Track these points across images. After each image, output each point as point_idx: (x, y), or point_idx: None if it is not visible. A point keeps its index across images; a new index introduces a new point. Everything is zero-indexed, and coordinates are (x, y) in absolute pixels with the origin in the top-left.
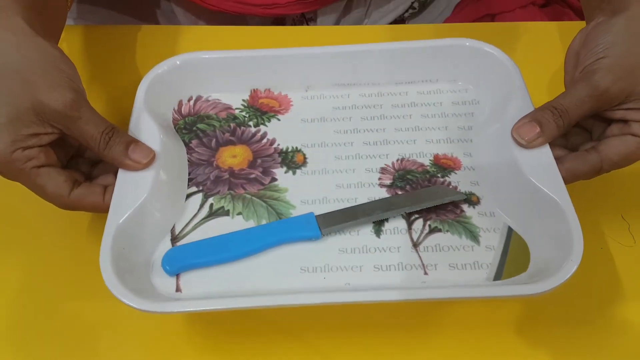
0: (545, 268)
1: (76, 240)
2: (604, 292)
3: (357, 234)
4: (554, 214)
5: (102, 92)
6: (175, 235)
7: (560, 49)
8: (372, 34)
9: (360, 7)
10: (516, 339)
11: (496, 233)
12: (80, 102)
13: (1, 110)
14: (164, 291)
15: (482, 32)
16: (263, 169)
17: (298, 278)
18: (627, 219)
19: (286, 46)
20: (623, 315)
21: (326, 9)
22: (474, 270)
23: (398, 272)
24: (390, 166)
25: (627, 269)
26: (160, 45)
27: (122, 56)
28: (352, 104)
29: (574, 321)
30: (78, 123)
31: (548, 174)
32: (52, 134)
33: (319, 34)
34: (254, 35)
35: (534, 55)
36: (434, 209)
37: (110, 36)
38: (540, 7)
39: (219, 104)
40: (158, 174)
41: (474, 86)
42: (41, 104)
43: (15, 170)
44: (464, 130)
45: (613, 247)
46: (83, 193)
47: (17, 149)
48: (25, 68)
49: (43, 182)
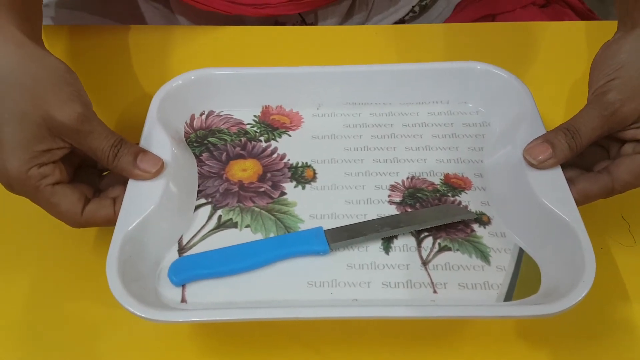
0: (556, 289)
1: (82, 247)
2: (604, 292)
3: (366, 250)
4: (566, 235)
5: (102, 91)
6: (182, 245)
7: (560, 49)
8: (373, 34)
9: (362, 12)
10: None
11: (507, 253)
12: (90, 116)
13: (15, 127)
14: (170, 301)
15: (483, 32)
16: (272, 183)
17: (305, 292)
18: (627, 219)
19: (286, 46)
20: (623, 315)
21: (327, 12)
22: (484, 290)
23: (407, 290)
24: (400, 184)
25: (627, 269)
26: (161, 46)
27: (123, 57)
28: (363, 123)
29: (574, 321)
30: (89, 137)
31: (560, 196)
32: (64, 149)
33: (319, 34)
34: (254, 35)
35: (534, 56)
36: (444, 228)
37: (112, 36)
38: (540, 7)
39: (231, 119)
40: (168, 185)
41: (484, 108)
42: (53, 119)
43: (31, 187)
44: (474, 151)
45: (613, 247)
46: (94, 209)
47: (32, 166)
48: (35, 84)
49: (58, 200)
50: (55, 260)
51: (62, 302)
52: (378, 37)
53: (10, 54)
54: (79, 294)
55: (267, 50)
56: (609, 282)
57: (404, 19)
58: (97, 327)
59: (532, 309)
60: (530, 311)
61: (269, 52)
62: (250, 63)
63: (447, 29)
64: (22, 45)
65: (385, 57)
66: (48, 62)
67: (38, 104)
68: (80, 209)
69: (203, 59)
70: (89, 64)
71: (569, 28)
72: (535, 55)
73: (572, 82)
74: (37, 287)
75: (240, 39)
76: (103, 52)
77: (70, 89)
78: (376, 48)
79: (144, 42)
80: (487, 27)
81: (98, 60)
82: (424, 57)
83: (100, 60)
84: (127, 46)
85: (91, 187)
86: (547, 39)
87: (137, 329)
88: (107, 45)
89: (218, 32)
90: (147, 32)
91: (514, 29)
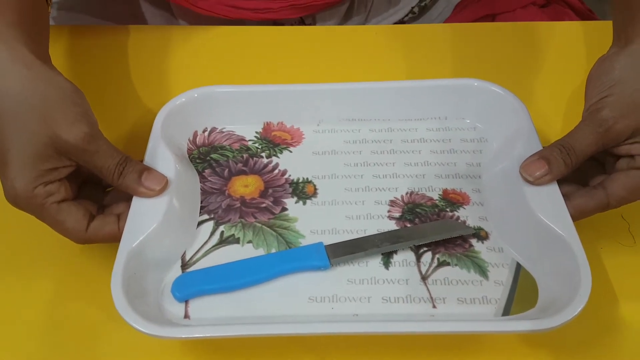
0: (552, 303)
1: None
2: (604, 292)
3: (366, 265)
4: (562, 250)
5: (102, 91)
6: (185, 261)
7: (560, 49)
8: (372, 34)
9: (361, 14)
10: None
11: (505, 268)
12: (96, 135)
13: (22, 147)
14: (173, 316)
15: (483, 32)
16: (274, 199)
17: (306, 307)
18: (627, 219)
19: (286, 46)
20: (623, 316)
21: (325, 14)
22: (482, 304)
23: (406, 305)
24: (399, 199)
25: (628, 269)
26: (161, 46)
27: (123, 57)
28: (363, 139)
29: (574, 321)
30: (95, 156)
31: (556, 211)
32: (70, 167)
33: (318, 34)
34: (253, 35)
35: (534, 56)
36: (443, 243)
37: (112, 36)
38: (540, 7)
39: (233, 135)
40: (171, 202)
41: (482, 124)
42: (60, 139)
43: (37, 206)
44: (472, 166)
45: (613, 247)
46: (99, 225)
47: (39, 184)
48: (43, 104)
49: (63, 218)
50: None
51: (63, 303)
52: (378, 37)
53: (20, 75)
54: (80, 297)
55: (266, 50)
56: (609, 283)
57: (404, 20)
58: (97, 331)
59: (529, 324)
60: (526, 326)
61: (269, 52)
62: (249, 63)
63: (446, 29)
64: (31, 66)
65: (385, 57)
66: (56, 82)
67: (46, 123)
68: (85, 226)
69: (203, 59)
70: (89, 64)
71: (569, 28)
72: (535, 55)
73: (573, 82)
74: (37, 290)
75: (240, 39)
76: (103, 52)
77: (78, 109)
78: (376, 48)
79: (144, 42)
80: (487, 27)
81: (98, 60)
82: (424, 57)
83: (101, 60)
84: (127, 46)
85: (95, 203)
86: (547, 39)
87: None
88: (107, 46)
89: (218, 32)
90: (147, 32)
91: (513, 29)
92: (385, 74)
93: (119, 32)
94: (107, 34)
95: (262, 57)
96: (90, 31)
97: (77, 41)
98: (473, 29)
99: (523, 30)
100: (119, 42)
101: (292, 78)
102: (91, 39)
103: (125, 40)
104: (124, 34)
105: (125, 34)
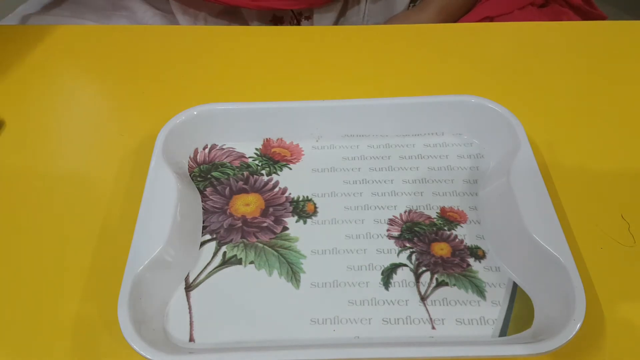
0: (548, 325)
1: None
2: (604, 292)
3: (367, 286)
4: (557, 271)
5: (102, 91)
6: (189, 283)
7: (560, 49)
8: (370, 33)
9: (354, 17)
10: None
11: (501, 288)
12: None
13: None
14: (178, 340)
15: (483, 31)
16: (275, 218)
17: (308, 330)
18: (627, 219)
19: (284, 46)
20: (623, 316)
21: (321, 17)
22: (480, 325)
23: (406, 326)
24: (398, 218)
25: (627, 269)
26: (161, 46)
27: (123, 57)
28: (361, 155)
29: None
30: None
31: (550, 231)
32: None
33: (317, 34)
34: (253, 35)
35: (534, 56)
36: (441, 262)
37: (112, 36)
38: (539, 7)
39: (233, 152)
40: (174, 223)
41: (478, 140)
42: None
43: None
44: (469, 183)
45: (613, 247)
46: None
47: None
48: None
49: None
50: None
51: (64, 304)
52: (377, 38)
53: None
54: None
55: (266, 50)
56: (609, 283)
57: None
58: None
59: (524, 348)
60: (521, 350)
61: (269, 52)
62: (249, 63)
63: (445, 29)
64: None
65: (384, 57)
66: None
67: None
68: None
69: (203, 58)
70: (89, 64)
71: (568, 28)
72: (534, 55)
73: (572, 82)
74: (38, 290)
75: (240, 39)
76: (103, 52)
77: None
78: (375, 48)
79: (144, 42)
80: (487, 26)
81: (98, 60)
82: (423, 58)
83: (101, 60)
84: (127, 46)
85: None
86: (546, 39)
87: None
88: (107, 45)
89: (217, 32)
90: (148, 32)
91: (513, 29)
92: (384, 73)
93: (119, 32)
94: (107, 34)
95: (262, 58)
96: (90, 31)
97: (77, 41)
98: (474, 29)
99: (521, 31)
100: (119, 42)
101: (292, 78)
102: (91, 39)
103: (126, 40)
104: (124, 34)
105: (126, 34)
